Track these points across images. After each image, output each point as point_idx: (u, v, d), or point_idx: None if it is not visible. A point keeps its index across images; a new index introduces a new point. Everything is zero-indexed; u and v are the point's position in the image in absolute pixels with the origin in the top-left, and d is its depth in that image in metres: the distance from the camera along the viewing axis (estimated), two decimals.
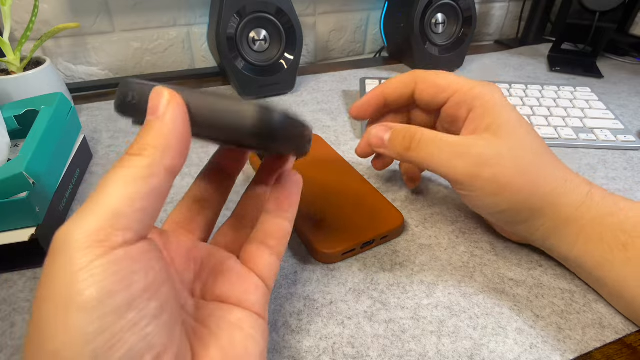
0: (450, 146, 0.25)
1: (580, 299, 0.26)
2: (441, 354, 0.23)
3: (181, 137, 0.16)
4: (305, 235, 0.29)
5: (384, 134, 0.28)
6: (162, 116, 0.16)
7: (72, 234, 0.13)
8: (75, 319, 0.12)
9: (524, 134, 0.26)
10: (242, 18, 0.49)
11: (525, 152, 0.25)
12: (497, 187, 0.25)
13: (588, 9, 0.62)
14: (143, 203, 0.14)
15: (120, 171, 0.15)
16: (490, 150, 0.25)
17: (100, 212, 0.14)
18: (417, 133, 0.26)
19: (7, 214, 0.27)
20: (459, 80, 0.28)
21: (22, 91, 0.41)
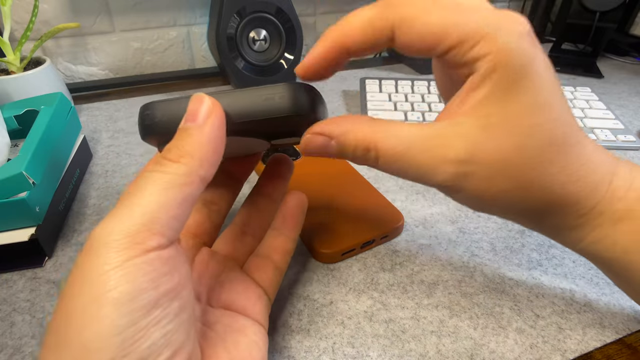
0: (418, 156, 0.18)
1: (580, 299, 0.26)
2: (441, 354, 0.23)
3: (217, 149, 0.17)
4: (305, 235, 0.29)
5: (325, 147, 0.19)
6: (203, 125, 0.16)
7: (111, 233, 0.14)
8: (108, 311, 0.13)
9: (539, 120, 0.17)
10: (242, 18, 0.49)
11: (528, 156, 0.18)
12: (487, 202, 0.19)
13: (588, 9, 0.62)
14: (177, 211, 0.15)
15: (159, 176, 0.15)
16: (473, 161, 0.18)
17: (138, 215, 0.14)
18: (371, 147, 0.19)
19: (7, 214, 0.27)
20: (462, 24, 0.17)
21: (22, 91, 0.41)
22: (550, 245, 0.30)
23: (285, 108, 0.18)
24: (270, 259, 0.23)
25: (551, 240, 0.31)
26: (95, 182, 0.37)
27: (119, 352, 0.13)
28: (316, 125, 0.19)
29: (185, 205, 0.15)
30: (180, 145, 0.16)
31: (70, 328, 0.13)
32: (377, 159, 0.19)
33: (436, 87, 0.23)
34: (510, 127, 0.17)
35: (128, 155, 0.41)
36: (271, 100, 0.17)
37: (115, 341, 0.13)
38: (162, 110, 0.18)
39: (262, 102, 0.18)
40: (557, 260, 0.29)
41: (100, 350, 0.13)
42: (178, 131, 0.17)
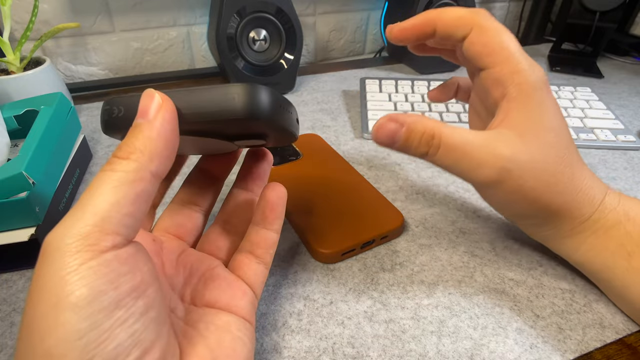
0: (474, 151, 0.22)
1: (580, 299, 0.26)
2: (441, 354, 0.23)
3: (169, 143, 0.16)
4: (305, 235, 0.29)
5: (394, 133, 0.23)
6: (152, 120, 0.16)
7: (63, 238, 0.14)
8: (67, 316, 0.13)
9: (552, 138, 0.23)
10: (242, 18, 0.49)
11: (548, 162, 0.23)
12: (517, 197, 0.24)
13: (588, 8, 0.62)
14: (130, 208, 0.15)
15: (108, 175, 0.15)
16: (514, 159, 0.22)
17: (89, 216, 0.14)
18: (435, 137, 0.23)
19: (7, 214, 0.27)
20: (509, 51, 0.23)
21: (22, 91, 0.41)
22: None
23: (238, 110, 0.17)
24: (253, 254, 0.23)
25: None
26: None
27: (84, 356, 0.13)
28: (388, 115, 0.23)
29: (139, 201, 0.15)
30: (130, 142, 0.16)
31: (33, 336, 0.13)
32: (439, 147, 0.23)
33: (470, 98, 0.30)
34: (537, 140, 0.23)
35: None
36: (224, 101, 0.17)
37: (78, 345, 0.13)
38: (119, 105, 0.18)
39: (214, 102, 0.17)
40: (557, 260, 0.29)
41: (63, 355, 0.13)
42: (130, 128, 0.17)
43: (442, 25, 0.25)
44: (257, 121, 0.17)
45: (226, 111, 0.17)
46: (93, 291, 0.13)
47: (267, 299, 0.26)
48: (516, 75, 0.23)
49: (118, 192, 0.15)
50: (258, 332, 0.24)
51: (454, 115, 0.47)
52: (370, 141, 0.44)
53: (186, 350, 0.17)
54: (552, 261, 0.29)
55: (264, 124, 0.18)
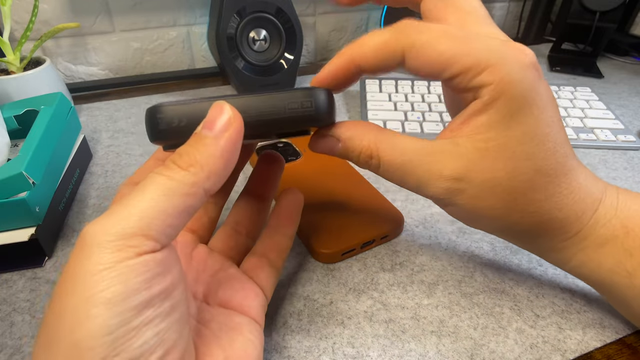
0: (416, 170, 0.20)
1: (580, 299, 0.26)
2: (441, 354, 0.23)
3: (229, 163, 0.16)
4: (305, 235, 0.29)
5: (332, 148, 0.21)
6: (219, 137, 0.16)
7: (104, 234, 0.14)
8: (100, 311, 0.13)
9: (529, 148, 0.19)
10: (242, 18, 0.49)
11: (517, 180, 0.19)
12: (475, 216, 0.21)
13: (588, 8, 0.62)
14: (175, 220, 0.15)
15: (163, 180, 0.15)
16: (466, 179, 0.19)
17: (135, 218, 0.14)
18: (373, 155, 0.20)
19: (7, 214, 0.27)
20: (468, 53, 0.18)
21: (22, 91, 0.41)
22: None
23: (309, 115, 0.18)
24: (266, 257, 0.23)
25: None
26: (95, 182, 0.37)
27: (111, 352, 0.13)
28: (327, 126, 0.21)
29: (184, 215, 0.15)
30: (192, 153, 0.16)
31: (61, 327, 0.13)
32: (379, 167, 0.20)
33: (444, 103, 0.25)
34: (504, 153, 0.19)
35: (128, 155, 0.41)
36: (295, 107, 0.18)
37: (107, 340, 0.13)
38: (177, 115, 0.17)
39: (286, 109, 0.18)
40: None
41: (91, 349, 0.13)
42: (192, 137, 0.16)
43: (365, 63, 0.20)
44: (321, 121, 0.19)
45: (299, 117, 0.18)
46: (127, 289, 0.13)
47: None
48: (485, 75, 0.18)
49: (168, 202, 0.15)
50: None
51: None
52: None
53: (200, 350, 0.18)
54: None
55: (326, 122, 0.19)
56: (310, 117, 0.18)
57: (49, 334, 0.14)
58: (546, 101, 0.19)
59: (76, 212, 0.33)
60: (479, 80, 0.18)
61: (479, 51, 0.18)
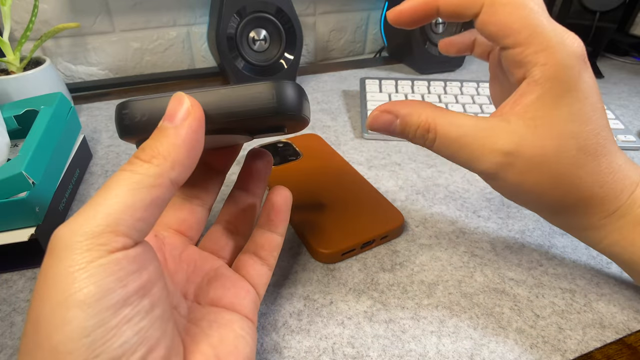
0: (471, 144, 0.21)
1: (580, 299, 0.26)
2: (441, 354, 0.23)
3: (192, 151, 0.16)
4: (305, 235, 0.29)
5: (392, 124, 0.23)
6: (179, 127, 0.16)
7: (73, 235, 0.14)
8: (75, 314, 0.13)
9: (575, 127, 0.20)
10: (242, 18, 0.49)
11: (562, 157, 0.20)
12: (518, 190, 0.22)
13: (588, 9, 0.62)
14: (144, 213, 0.15)
15: (127, 175, 0.15)
16: (517, 154, 0.20)
17: (102, 216, 0.14)
18: (431, 128, 0.21)
19: (7, 214, 0.27)
20: (533, 26, 0.19)
21: (22, 91, 0.41)
22: (550, 245, 0.30)
23: (271, 107, 0.17)
24: (257, 255, 0.23)
25: (551, 240, 0.31)
26: (95, 182, 0.37)
27: (90, 353, 0.13)
28: (384, 105, 0.23)
29: (153, 207, 0.15)
30: (154, 145, 0.16)
31: (39, 332, 0.13)
32: (434, 140, 0.22)
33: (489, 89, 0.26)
34: (552, 131, 0.20)
35: (128, 155, 0.41)
36: (257, 99, 0.17)
37: (85, 342, 0.13)
38: (140, 109, 0.17)
39: (247, 101, 0.17)
40: (557, 260, 0.29)
41: (70, 352, 0.13)
42: (155, 130, 0.16)
43: (445, 5, 0.21)
44: (286, 115, 0.18)
45: (260, 109, 0.17)
46: (101, 289, 0.13)
47: (267, 299, 0.26)
48: (542, 55, 0.19)
49: (135, 195, 0.15)
50: (258, 332, 0.24)
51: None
52: (370, 141, 0.44)
53: (190, 348, 0.18)
54: (552, 261, 0.29)
55: (293, 117, 0.19)
56: (272, 109, 0.17)
57: (29, 341, 0.14)
58: (591, 89, 0.20)
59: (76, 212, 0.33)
60: (536, 58, 0.20)
61: (546, 31, 0.19)
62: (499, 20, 0.20)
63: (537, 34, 0.19)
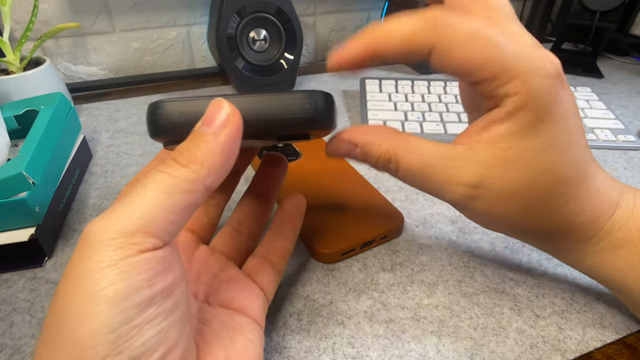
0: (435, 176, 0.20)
1: (580, 299, 0.26)
2: (441, 354, 0.23)
3: (229, 159, 0.16)
4: (305, 235, 0.29)
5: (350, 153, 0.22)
6: (219, 133, 0.16)
7: (107, 232, 0.14)
8: (102, 309, 0.13)
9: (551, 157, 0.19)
10: (242, 18, 0.49)
11: (535, 189, 0.19)
12: (491, 219, 0.21)
13: (588, 8, 0.62)
14: (177, 216, 0.15)
15: (164, 177, 0.15)
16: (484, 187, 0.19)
17: (137, 216, 0.14)
18: (392, 159, 0.20)
19: (6, 214, 0.27)
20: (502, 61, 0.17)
21: (22, 91, 0.41)
22: None
23: (308, 117, 0.18)
24: (268, 260, 0.23)
25: None
26: (95, 182, 0.37)
27: (113, 350, 0.13)
28: (343, 132, 0.21)
29: (186, 212, 0.15)
30: (192, 149, 0.16)
31: (64, 325, 0.13)
32: (397, 171, 0.21)
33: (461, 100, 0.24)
34: (524, 163, 0.19)
35: (128, 155, 0.41)
36: (294, 109, 0.18)
37: (109, 339, 0.13)
38: (177, 111, 0.17)
39: (285, 110, 0.18)
40: (557, 260, 0.29)
41: (93, 347, 0.13)
42: (192, 133, 0.16)
43: (389, 53, 0.19)
44: (320, 124, 0.18)
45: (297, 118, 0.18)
46: (130, 287, 0.13)
47: None
48: (512, 85, 0.18)
49: (170, 199, 0.15)
50: None
51: (454, 115, 0.47)
52: None
53: (202, 349, 0.18)
54: (552, 261, 0.29)
55: (325, 126, 0.19)
56: (309, 119, 0.18)
57: (52, 332, 0.14)
58: (568, 111, 0.19)
59: (76, 212, 0.33)
60: (505, 89, 0.18)
61: (510, 59, 0.17)
62: (453, 61, 0.18)
63: (504, 66, 0.17)
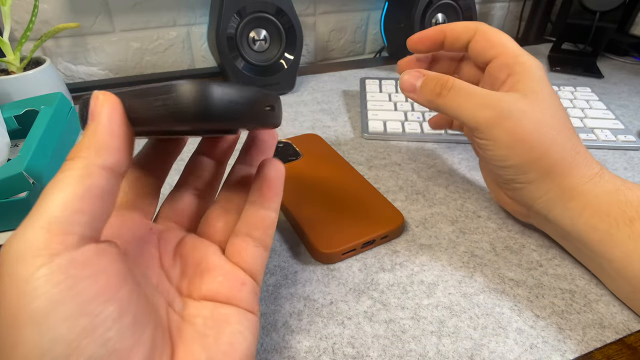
0: (478, 96, 0.27)
1: (580, 299, 0.26)
2: (441, 354, 0.23)
3: (116, 134, 0.16)
4: (305, 235, 0.29)
5: (416, 80, 0.29)
6: (97, 116, 0.16)
7: (13, 247, 0.13)
8: (27, 333, 0.12)
9: (551, 103, 0.26)
10: (242, 18, 0.49)
11: (546, 116, 0.26)
12: (513, 139, 0.26)
13: (588, 8, 0.62)
14: (79, 204, 0.14)
15: (57, 178, 0.15)
16: (514, 106, 0.26)
17: (35, 221, 0.13)
18: (449, 81, 0.27)
19: (7, 214, 0.27)
20: (510, 44, 0.28)
21: (22, 91, 0.41)
22: (550, 245, 0.30)
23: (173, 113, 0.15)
24: (250, 236, 0.21)
25: (551, 240, 0.31)
26: None
27: None
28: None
29: (89, 197, 0.14)
30: (78, 143, 0.16)
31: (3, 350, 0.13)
32: (450, 89, 0.27)
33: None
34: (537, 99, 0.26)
35: None
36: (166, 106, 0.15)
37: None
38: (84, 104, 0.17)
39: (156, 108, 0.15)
40: (557, 260, 0.29)
41: None
42: None
43: (450, 32, 0.30)
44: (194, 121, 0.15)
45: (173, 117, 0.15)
46: (49, 302, 0.12)
47: (267, 299, 0.26)
48: (519, 58, 0.27)
49: (65, 191, 0.14)
50: None
51: None
52: (370, 141, 0.44)
53: (179, 351, 0.17)
54: (552, 261, 0.29)
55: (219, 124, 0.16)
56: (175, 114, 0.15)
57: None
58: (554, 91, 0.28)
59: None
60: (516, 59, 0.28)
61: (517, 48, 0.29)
62: (486, 38, 0.29)
63: (513, 48, 0.28)
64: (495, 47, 0.28)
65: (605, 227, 0.25)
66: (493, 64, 0.29)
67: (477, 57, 0.30)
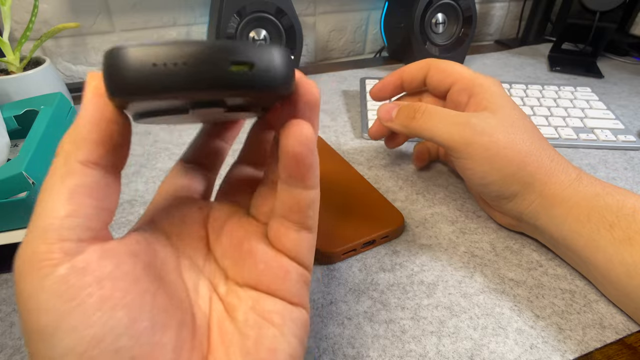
0: (450, 116, 0.28)
1: (580, 299, 0.26)
2: (441, 355, 0.23)
3: (98, 125, 0.14)
4: None
5: (392, 110, 0.32)
6: (83, 103, 0.14)
7: (19, 261, 0.13)
8: (40, 347, 0.12)
9: (518, 115, 0.28)
10: (242, 18, 0.49)
11: (517, 129, 0.27)
12: (489, 154, 0.27)
13: (588, 8, 0.62)
14: (67, 207, 0.13)
15: (46, 179, 0.14)
16: (485, 122, 0.27)
17: (34, 231, 0.13)
18: (422, 106, 0.30)
19: (7, 214, 0.27)
20: (464, 70, 0.31)
21: (22, 91, 0.41)
22: None
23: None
24: (289, 219, 0.18)
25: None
26: None
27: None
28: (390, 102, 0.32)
29: (77, 197, 0.13)
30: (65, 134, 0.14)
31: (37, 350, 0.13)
32: (423, 113, 0.29)
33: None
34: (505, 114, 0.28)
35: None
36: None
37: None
38: None
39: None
40: (557, 260, 0.29)
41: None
42: None
43: (407, 74, 0.33)
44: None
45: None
46: (54, 316, 0.12)
47: None
48: (476, 80, 0.30)
49: (52, 195, 0.13)
50: None
51: None
52: (370, 141, 0.44)
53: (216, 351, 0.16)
54: (552, 261, 0.29)
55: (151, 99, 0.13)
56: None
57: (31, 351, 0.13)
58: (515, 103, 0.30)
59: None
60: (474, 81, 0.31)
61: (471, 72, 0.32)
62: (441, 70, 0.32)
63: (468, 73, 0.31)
64: (451, 75, 0.31)
65: (588, 232, 0.25)
66: (452, 90, 0.31)
67: (435, 88, 0.32)
